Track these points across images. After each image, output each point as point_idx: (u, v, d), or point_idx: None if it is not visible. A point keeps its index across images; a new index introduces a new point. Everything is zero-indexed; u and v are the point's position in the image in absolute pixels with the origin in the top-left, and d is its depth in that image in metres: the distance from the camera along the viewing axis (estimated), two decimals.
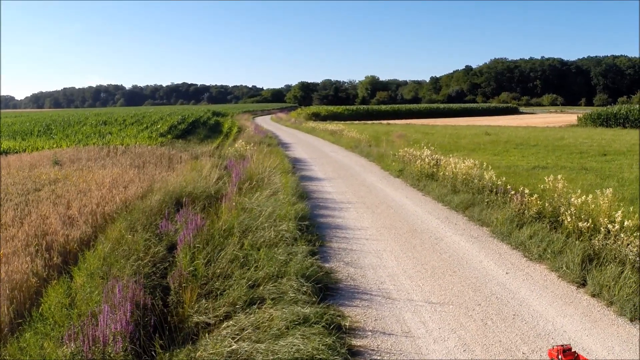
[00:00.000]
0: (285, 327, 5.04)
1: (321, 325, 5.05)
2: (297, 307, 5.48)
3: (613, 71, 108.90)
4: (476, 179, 11.34)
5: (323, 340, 4.75)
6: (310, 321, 5.16)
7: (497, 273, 6.88)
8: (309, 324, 5.10)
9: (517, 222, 8.68)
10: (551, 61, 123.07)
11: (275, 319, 5.21)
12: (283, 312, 5.32)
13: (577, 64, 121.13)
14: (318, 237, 8.64)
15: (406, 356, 4.79)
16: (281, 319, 5.14)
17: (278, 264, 6.69)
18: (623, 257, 6.53)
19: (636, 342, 4.98)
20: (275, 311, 5.39)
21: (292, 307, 5.46)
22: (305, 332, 4.94)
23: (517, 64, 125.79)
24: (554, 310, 5.69)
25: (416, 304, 5.96)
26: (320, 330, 4.97)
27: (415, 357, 4.75)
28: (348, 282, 6.73)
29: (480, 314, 5.63)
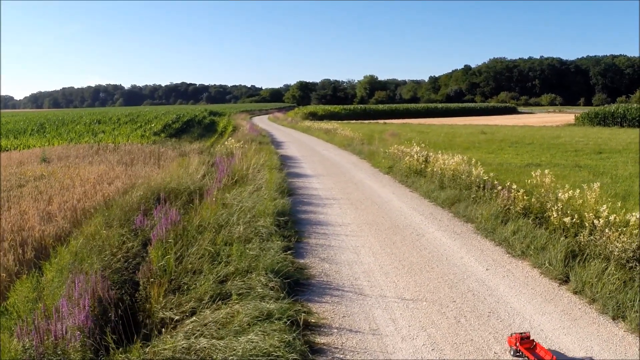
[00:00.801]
0: (248, 324, 4.81)
1: (283, 322, 4.79)
2: (263, 303, 5.26)
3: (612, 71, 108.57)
4: (464, 175, 11.06)
5: (282, 337, 4.50)
6: (273, 317, 4.94)
7: (476, 269, 6.60)
8: (271, 320, 4.88)
9: (502, 218, 8.41)
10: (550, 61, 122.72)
11: (239, 314, 4.97)
12: (248, 307, 5.08)
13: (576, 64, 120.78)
14: (296, 232, 8.41)
15: (370, 355, 4.51)
16: (245, 315, 4.92)
17: (249, 259, 6.44)
18: (608, 253, 6.25)
19: (617, 342, 4.70)
20: (240, 307, 5.17)
21: (257, 303, 5.24)
22: (266, 328, 4.69)
23: (516, 63, 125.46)
24: (532, 308, 5.42)
25: (388, 300, 5.69)
26: (282, 327, 4.71)
27: (380, 357, 4.47)
28: (321, 278, 6.46)
29: (454, 311, 5.35)
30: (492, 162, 16.03)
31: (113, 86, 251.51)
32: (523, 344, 4.27)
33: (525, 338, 4.31)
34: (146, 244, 7.74)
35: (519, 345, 4.27)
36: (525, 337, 4.32)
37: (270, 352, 4.28)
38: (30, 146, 28.45)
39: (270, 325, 4.76)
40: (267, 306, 5.14)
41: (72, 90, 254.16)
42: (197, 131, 38.30)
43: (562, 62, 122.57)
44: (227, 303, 5.26)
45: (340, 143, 24.84)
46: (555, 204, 7.93)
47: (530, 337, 4.37)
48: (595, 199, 7.75)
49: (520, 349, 4.29)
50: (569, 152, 19.61)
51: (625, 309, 5.18)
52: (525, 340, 4.30)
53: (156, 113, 47.78)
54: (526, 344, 4.27)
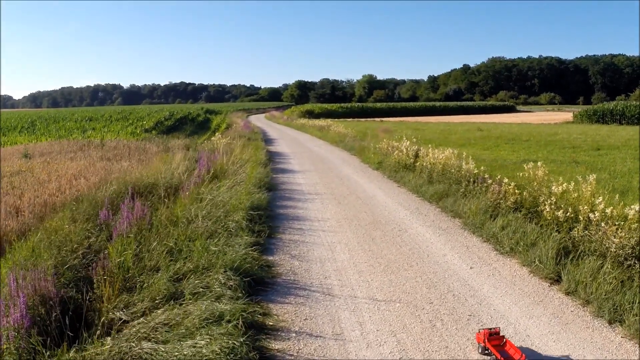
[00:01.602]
0: (196, 327, 4.27)
1: (232, 325, 4.20)
2: (216, 303, 4.72)
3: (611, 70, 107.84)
4: (453, 169, 10.47)
5: (230, 341, 3.93)
6: (224, 319, 4.37)
7: (460, 268, 6.00)
8: (221, 323, 4.32)
9: (492, 213, 7.82)
10: (549, 60, 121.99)
11: (190, 316, 4.45)
12: (200, 308, 4.56)
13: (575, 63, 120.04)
14: (270, 228, 7.83)
15: None
16: (196, 317, 4.40)
17: (210, 255, 5.87)
18: (604, 250, 5.66)
19: (613, 350, 4.11)
20: (193, 307, 4.63)
21: (210, 304, 4.68)
22: (214, 331, 4.16)
23: (515, 62, 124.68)
24: (518, 310, 4.82)
25: (358, 301, 5.09)
26: (231, 330, 4.14)
27: None
28: (288, 276, 5.87)
29: (430, 314, 4.75)
30: (486, 158, 15.46)
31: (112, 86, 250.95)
32: (491, 340, 3.86)
33: (495, 334, 3.89)
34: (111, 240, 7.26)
35: (486, 342, 3.86)
36: (494, 332, 3.90)
37: (211, 359, 3.70)
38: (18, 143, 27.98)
39: (219, 328, 4.21)
40: (220, 307, 4.61)
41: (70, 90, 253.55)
42: (189, 128, 37.73)
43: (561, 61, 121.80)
44: (181, 303, 4.75)
45: (333, 140, 24.25)
46: (549, 197, 7.33)
47: (501, 333, 3.95)
48: (591, 192, 7.16)
49: (488, 346, 3.87)
50: (567, 149, 19.08)
51: (623, 312, 4.59)
52: (495, 336, 3.89)
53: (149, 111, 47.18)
54: (495, 341, 3.86)
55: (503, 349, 3.84)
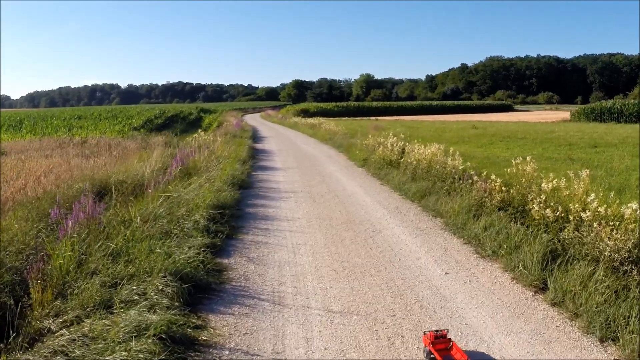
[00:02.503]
0: (117, 341, 3.62)
1: (154, 341, 3.53)
2: (149, 313, 4.10)
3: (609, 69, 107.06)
4: (438, 166, 9.78)
5: None
6: (148, 332, 3.72)
7: (433, 273, 5.30)
8: (145, 336, 3.68)
9: (475, 212, 7.12)
10: (547, 59, 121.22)
11: (115, 327, 3.83)
12: (128, 319, 3.94)
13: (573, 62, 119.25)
14: (233, 228, 7.17)
15: None
16: (120, 329, 3.79)
17: (155, 258, 5.19)
18: (597, 254, 4.96)
19: None
20: (122, 317, 3.99)
21: (141, 314, 4.08)
22: (133, 347, 3.53)
23: (512, 62, 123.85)
24: (494, 325, 4.12)
25: (311, 313, 4.39)
26: (151, 347, 3.49)
27: None
28: (239, 282, 5.17)
29: (391, 328, 4.05)
30: (478, 156, 14.77)
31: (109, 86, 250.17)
32: (436, 344, 3.55)
33: (441, 337, 3.60)
34: None
35: (430, 346, 3.55)
36: (440, 335, 3.60)
37: None
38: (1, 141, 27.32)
39: (139, 343, 3.57)
40: (150, 318, 3.96)
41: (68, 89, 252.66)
42: (180, 127, 37.00)
43: (559, 60, 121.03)
44: (112, 312, 4.16)
45: (322, 137, 23.56)
46: (538, 195, 6.63)
47: (448, 336, 3.63)
48: (584, 189, 6.46)
49: (431, 350, 3.54)
50: (562, 146, 18.42)
51: (617, 328, 3.89)
52: (440, 339, 3.59)
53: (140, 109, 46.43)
54: (440, 345, 3.57)
55: (449, 353, 3.54)
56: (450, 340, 3.63)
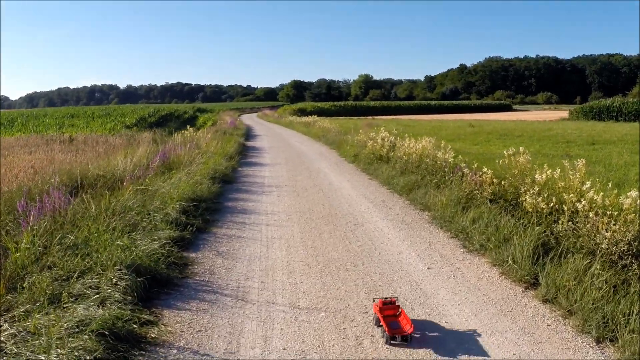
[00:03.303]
0: (59, 337, 3.25)
1: (94, 338, 3.13)
2: (98, 307, 3.72)
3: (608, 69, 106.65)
4: (429, 159, 9.35)
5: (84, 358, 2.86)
6: (88, 329, 3.34)
7: (415, 268, 4.86)
8: (85, 333, 3.30)
9: (465, 204, 6.68)
10: (546, 60, 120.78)
11: (59, 322, 3.47)
12: (73, 314, 3.60)
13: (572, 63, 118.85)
14: (207, 221, 6.73)
15: None
16: (64, 324, 3.43)
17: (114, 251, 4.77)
18: (593, 246, 4.52)
19: None
20: (68, 312, 3.64)
21: (88, 308, 3.69)
22: (70, 344, 3.15)
23: (511, 62, 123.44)
24: (478, 324, 3.67)
25: (275, 309, 3.95)
26: (90, 344, 3.13)
27: None
28: (203, 277, 4.74)
29: (359, 327, 3.61)
30: (473, 152, 14.34)
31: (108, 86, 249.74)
32: (384, 310, 3.61)
33: (389, 303, 3.67)
34: None
35: (378, 313, 3.60)
36: (389, 302, 3.67)
37: None
38: None
39: (76, 339, 3.19)
40: (96, 312, 3.60)
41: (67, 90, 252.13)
42: (174, 125, 36.53)
43: (558, 61, 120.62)
44: (62, 307, 3.80)
45: (315, 135, 23.11)
46: (531, 187, 6.20)
47: (397, 303, 3.70)
48: (580, 179, 6.04)
49: (378, 316, 3.58)
50: (560, 143, 17.99)
51: (615, 327, 3.45)
52: (389, 305, 3.65)
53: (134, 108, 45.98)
54: (389, 311, 3.63)
55: (396, 319, 3.58)
56: (399, 307, 3.67)
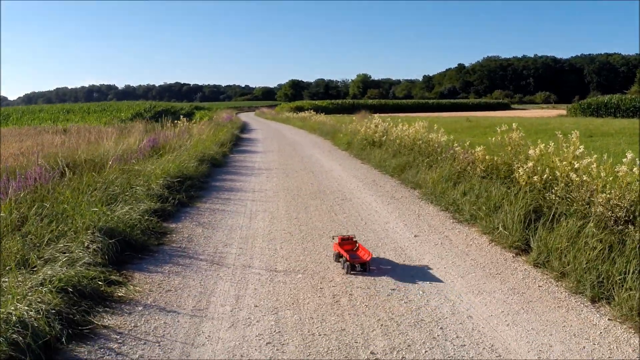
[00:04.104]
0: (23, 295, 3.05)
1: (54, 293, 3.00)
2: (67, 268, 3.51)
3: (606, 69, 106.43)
4: (422, 142, 9.16)
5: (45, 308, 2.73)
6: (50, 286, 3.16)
7: (402, 236, 4.64)
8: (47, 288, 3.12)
9: (456, 180, 6.48)
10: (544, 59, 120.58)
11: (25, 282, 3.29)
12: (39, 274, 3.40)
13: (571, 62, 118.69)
14: (192, 197, 6.54)
15: (152, 351, 2.56)
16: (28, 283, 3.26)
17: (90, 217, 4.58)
18: (585, 210, 4.30)
19: (597, 337, 2.76)
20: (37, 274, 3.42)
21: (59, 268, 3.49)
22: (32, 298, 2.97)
23: (510, 62, 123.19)
24: (464, 285, 3.46)
25: (251, 271, 3.74)
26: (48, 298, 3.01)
27: (166, 356, 2.52)
28: (180, 244, 4.54)
29: (339, 286, 3.39)
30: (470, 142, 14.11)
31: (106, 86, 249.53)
32: (344, 245, 3.87)
33: (347, 239, 3.95)
34: None
35: (338, 248, 3.85)
36: (347, 237, 3.97)
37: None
38: None
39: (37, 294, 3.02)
40: (64, 272, 3.41)
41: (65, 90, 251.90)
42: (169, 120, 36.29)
43: (556, 60, 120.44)
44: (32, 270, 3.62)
45: (311, 128, 22.91)
46: (525, 163, 5.99)
47: (354, 239, 4.00)
48: (573, 151, 5.84)
49: (339, 251, 3.83)
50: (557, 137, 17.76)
51: (611, 287, 3.24)
52: (347, 241, 3.93)
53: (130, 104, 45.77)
54: (347, 246, 3.88)
55: (355, 253, 3.83)
56: (357, 242, 3.95)
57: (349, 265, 3.63)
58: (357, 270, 3.65)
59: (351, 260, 3.65)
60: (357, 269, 3.64)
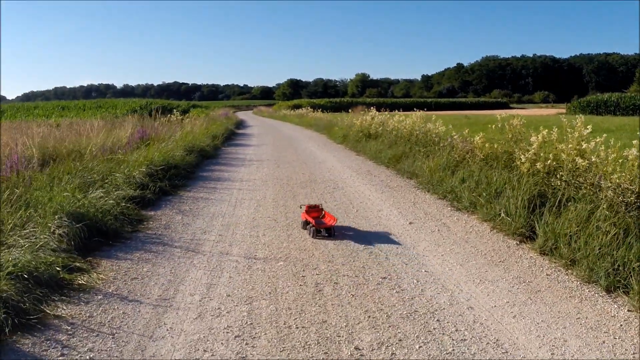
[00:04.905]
0: None
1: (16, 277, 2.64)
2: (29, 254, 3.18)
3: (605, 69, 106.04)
4: (419, 132, 8.82)
5: None
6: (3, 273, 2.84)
7: (395, 223, 4.29)
8: None
9: (454, 168, 6.14)
10: (543, 59, 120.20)
11: None
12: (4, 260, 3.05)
13: (569, 62, 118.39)
14: (175, 186, 6.19)
15: (104, 344, 2.21)
16: None
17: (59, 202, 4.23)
18: (593, 195, 3.96)
19: (616, 329, 2.40)
20: None
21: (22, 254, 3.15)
22: None
23: (509, 61, 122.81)
24: (464, 273, 3.10)
25: (228, 259, 3.39)
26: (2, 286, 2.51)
27: (120, 350, 2.16)
28: (156, 231, 4.19)
29: (323, 275, 3.03)
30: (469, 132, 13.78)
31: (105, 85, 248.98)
32: (310, 212, 4.04)
33: (314, 207, 4.16)
34: None
35: (305, 216, 4.00)
36: (314, 205, 4.19)
37: None
38: None
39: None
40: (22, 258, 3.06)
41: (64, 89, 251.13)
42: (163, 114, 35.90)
43: (555, 60, 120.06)
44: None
45: (308, 123, 22.56)
46: (526, 151, 5.65)
47: (321, 208, 4.21)
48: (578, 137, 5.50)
49: (307, 218, 4.00)
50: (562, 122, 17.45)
51: (629, 274, 2.89)
52: (314, 208, 4.13)
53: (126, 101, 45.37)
54: (314, 213, 4.06)
55: (322, 220, 3.98)
56: (323, 210, 4.16)
57: (314, 230, 3.81)
58: (323, 234, 3.82)
59: (316, 225, 3.83)
60: (322, 233, 3.82)
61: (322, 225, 3.85)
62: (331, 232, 3.83)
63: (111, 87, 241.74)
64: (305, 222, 4.03)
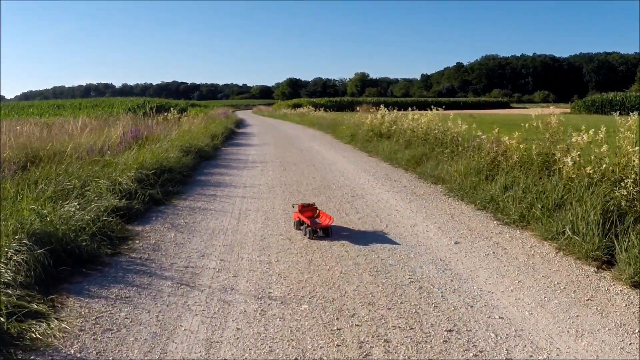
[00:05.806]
0: None
1: None
2: None
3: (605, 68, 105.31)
4: (438, 131, 8.09)
5: None
6: None
7: (437, 243, 3.52)
8: None
9: (488, 173, 5.39)
10: (543, 58, 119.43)
11: None
12: None
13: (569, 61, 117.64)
14: (169, 193, 5.45)
15: None
16: None
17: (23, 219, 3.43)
18: None
19: None
20: None
21: None
22: None
23: (508, 60, 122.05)
24: (551, 321, 2.34)
25: (234, 298, 2.63)
26: None
27: None
28: (142, 253, 3.41)
29: (366, 325, 2.26)
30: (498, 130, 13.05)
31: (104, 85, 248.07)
32: (304, 212, 3.84)
33: (308, 205, 3.95)
34: None
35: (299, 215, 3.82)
36: (307, 204, 3.96)
37: None
38: None
39: None
40: None
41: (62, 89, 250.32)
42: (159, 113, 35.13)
43: (555, 59, 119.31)
44: None
45: (310, 122, 21.80)
46: (568, 152, 4.90)
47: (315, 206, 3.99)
48: (633, 139, 4.80)
49: (301, 218, 3.80)
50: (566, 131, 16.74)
51: None
52: (308, 207, 3.91)
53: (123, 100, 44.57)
54: (308, 212, 3.85)
55: (317, 219, 3.82)
56: (317, 208, 3.93)
57: (310, 230, 3.65)
58: (319, 235, 3.65)
59: (313, 226, 3.67)
60: (318, 233, 3.65)
61: (318, 225, 3.70)
62: (328, 232, 3.68)
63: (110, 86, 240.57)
64: (298, 222, 3.86)
